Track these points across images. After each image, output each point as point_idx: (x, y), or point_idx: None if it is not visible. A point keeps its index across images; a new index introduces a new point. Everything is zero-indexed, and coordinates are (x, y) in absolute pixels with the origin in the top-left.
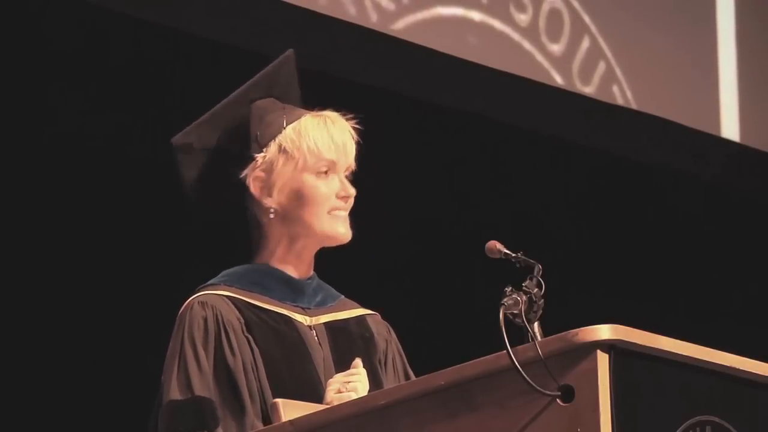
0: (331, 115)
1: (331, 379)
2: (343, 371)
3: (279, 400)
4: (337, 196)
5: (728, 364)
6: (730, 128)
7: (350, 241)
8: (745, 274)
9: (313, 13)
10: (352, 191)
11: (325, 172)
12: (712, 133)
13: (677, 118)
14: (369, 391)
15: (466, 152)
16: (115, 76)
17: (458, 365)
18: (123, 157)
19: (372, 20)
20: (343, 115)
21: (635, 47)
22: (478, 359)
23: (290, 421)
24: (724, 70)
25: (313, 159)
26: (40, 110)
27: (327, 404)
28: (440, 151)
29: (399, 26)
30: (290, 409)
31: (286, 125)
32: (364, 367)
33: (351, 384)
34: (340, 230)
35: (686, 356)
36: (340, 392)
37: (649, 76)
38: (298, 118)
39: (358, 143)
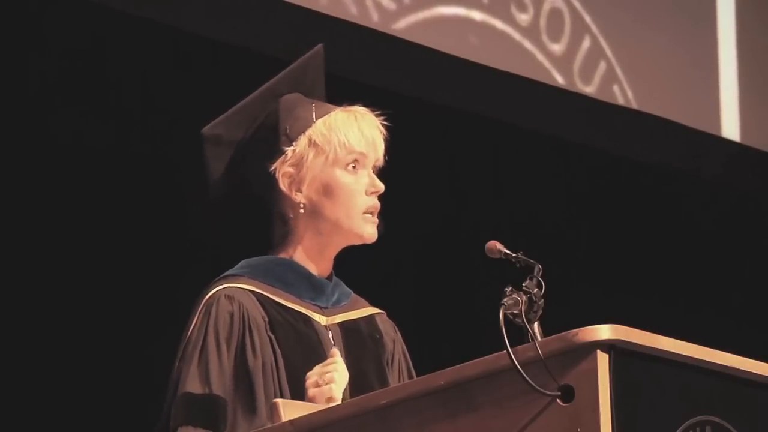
0: (360, 110)
1: (309, 373)
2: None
3: (279, 400)
4: (366, 192)
5: (728, 364)
6: (730, 128)
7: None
8: (745, 274)
9: (314, 12)
10: (381, 186)
11: (354, 167)
12: (712, 133)
13: (677, 118)
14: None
15: (466, 152)
16: (114, 76)
17: (458, 365)
18: (122, 157)
19: (373, 20)
20: (372, 111)
21: (636, 47)
22: (478, 359)
23: (290, 421)
24: (724, 70)
25: (344, 152)
26: (39, 110)
27: (309, 399)
28: (440, 150)
29: (400, 26)
30: (290, 409)
31: (316, 119)
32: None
33: (328, 375)
34: (368, 230)
35: (686, 356)
36: (318, 385)
37: (650, 76)
38: (328, 112)
39: (386, 139)
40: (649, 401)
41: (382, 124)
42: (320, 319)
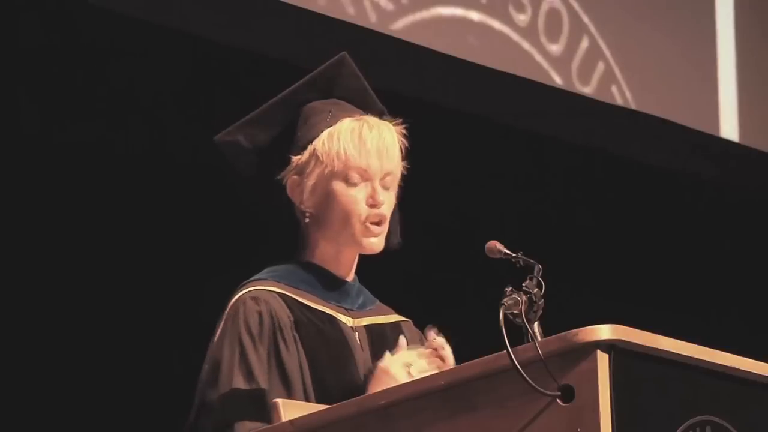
0: (370, 119)
1: (405, 360)
2: None
3: (279, 400)
4: (366, 203)
5: (728, 364)
6: (729, 128)
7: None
8: (745, 274)
9: (312, 13)
10: (380, 200)
11: (353, 179)
12: (711, 133)
13: (676, 118)
14: None
15: (466, 152)
16: (114, 77)
17: (458, 365)
18: (122, 158)
19: (371, 20)
20: (391, 120)
21: (634, 47)
22: (478, 359)
23: (290, 421)
24: (723, 70)
25: (341, 165)
26: (45, 111)
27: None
28: (439, 151)
29: (398, 26)
30: (290, 409)
31: (325, 129)
32: None
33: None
34: (367, 240)
35: (686, 356)
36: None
37: (648, 76)
38: (340, 121)
39: (403, 148)
40: (649, 401)
41: (401, 133)
42: (346, 320)
